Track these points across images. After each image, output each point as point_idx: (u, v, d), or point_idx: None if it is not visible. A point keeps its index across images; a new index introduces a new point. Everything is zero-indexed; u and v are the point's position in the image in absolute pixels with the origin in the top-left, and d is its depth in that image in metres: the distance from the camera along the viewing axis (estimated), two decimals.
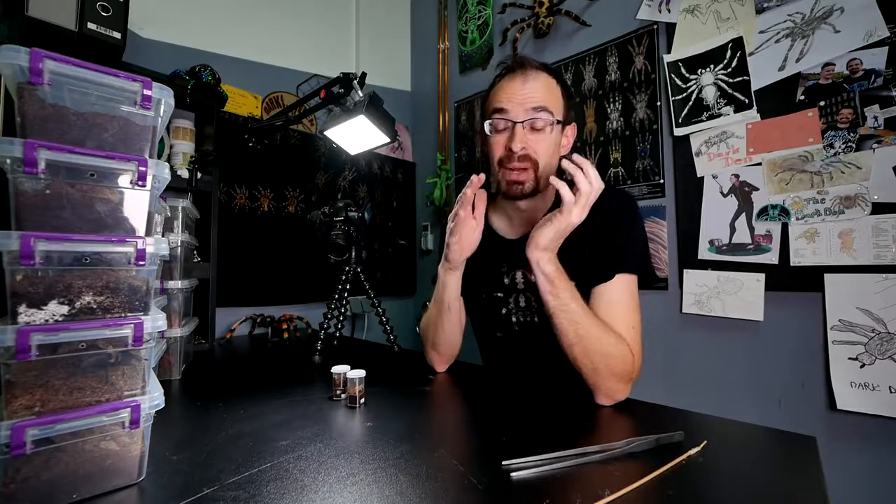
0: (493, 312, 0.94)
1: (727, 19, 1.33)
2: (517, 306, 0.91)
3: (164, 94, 0.52)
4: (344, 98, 1.00)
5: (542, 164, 0.80)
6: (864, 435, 1.09)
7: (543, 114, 0.78)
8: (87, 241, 0.46)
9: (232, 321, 1.60)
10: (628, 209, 0.82)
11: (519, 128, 0.78)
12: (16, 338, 0.41)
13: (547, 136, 0.79)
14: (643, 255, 0.82)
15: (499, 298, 0.93)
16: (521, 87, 0.79)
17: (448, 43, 2.26)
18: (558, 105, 0.81)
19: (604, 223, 0.82)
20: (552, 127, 0.79)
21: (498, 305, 0.93)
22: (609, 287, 0.78)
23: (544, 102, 0.78)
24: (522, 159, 0.79)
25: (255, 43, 1.82)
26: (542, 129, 0.78)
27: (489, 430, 0.66)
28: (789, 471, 0.51)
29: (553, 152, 0.81)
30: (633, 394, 0.76)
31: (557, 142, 0.82)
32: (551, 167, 0.82)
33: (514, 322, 0.91)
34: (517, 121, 0.78)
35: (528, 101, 0.78)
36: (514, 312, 0.91)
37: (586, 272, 0.82)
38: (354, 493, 0.45)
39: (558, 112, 0.80)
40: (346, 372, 0.76)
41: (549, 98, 0.79)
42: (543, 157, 0.79)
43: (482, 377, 0.95)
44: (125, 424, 0.47)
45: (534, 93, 0.78)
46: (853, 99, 1.12)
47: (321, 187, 1.96)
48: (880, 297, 1.08)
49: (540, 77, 0.80)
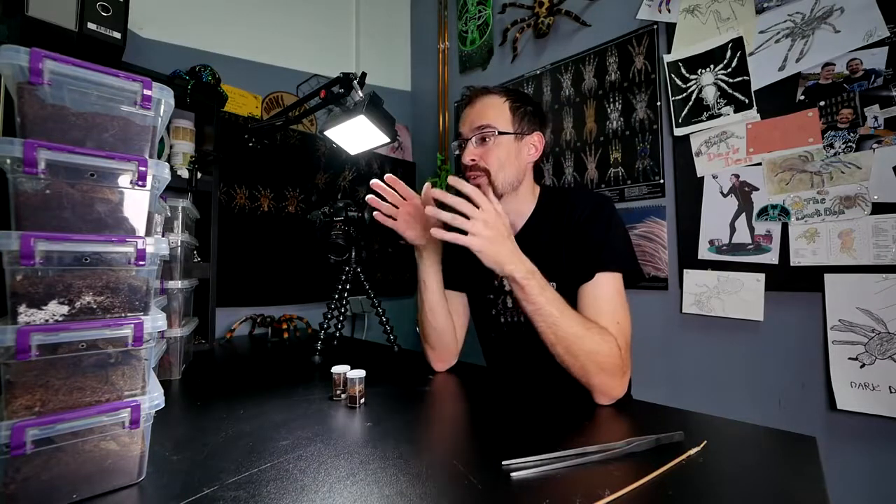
0: (486, 313, 0.99)
1: (727, 19, 1.33)
2: (505, 307, 0.95)
3: (164, 94, 0.52)
4: (344, 98, 1.00)
5: (494, 170, 0.87)
6: (864, 435, 1.09)
7: (486, 129, 0.88)
8: (87, 241, 0.46)
9: (232, 321, 1.60)
10: (601, 213, 0.86)
11: (469, 143, 0.90)
12: (16, 338, 0.41)
13: (492, 146, 0.88)
14: (624, 254, 0.84)
15: (490, 300, 0.98)
16: (469, 112, 0.91)
17: (448, 43, 2.26)
18: (503, 119, 0.89)
19: (577, 227, 0.86)
20: (494, 138, 0.88)
21: (489, 307, 0.98)
22: (592, 286, 0.81)
23: (485, 119, 0.88)
24: (473, 168, 0.89)
25: (255, 43, 1.82)
26: (486, 141, 0.88)
27: (489, 430, 0.66)
28: (789, 471, 0.51)
29: (505, 159, 0.88)
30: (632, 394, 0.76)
31: (510, 150, 0.89)
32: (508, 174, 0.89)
33: (503, 323, 0.96)
34: (467, 138, 0.90)
35: (474, 121, 0.89)
36: (503, 313, 0.96)
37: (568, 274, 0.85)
38: (354, 493, 0.45)
39: (503, 125, 0.89)
40: (346, 372, 0.76)
41: (492, 115, 0.89)
42: (493, 165, 0.88)
43: (482, 377, 0.95)
44: (125, 424, 0.47)
45: (479, 113, 0.90)
46: (853, 99, 1.12)
47: (321, 187, 1.96)
48: (880, 297, 1.08)
49: (485, 99, 0.91)
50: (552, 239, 0.89)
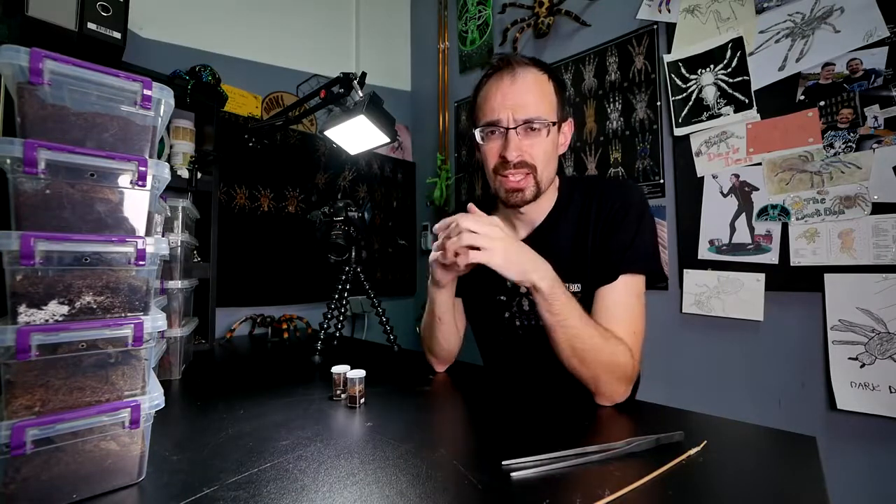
0: (495, 316, 0.91)
1: (727, 19, 1.33)
2: (521, 310, 0.88)
3: (164, 94, 0.52)
4: (344, 98, 1.00)
5: (541, 168, 0.77)
6: (864, 435, 1.09)
7: (538, 120, 0.74)
8: (87, 241, 0.46)
9: (232, 321, 1.60)
10: (632, 207, 0.78)
11: (512, 134, 0.74)
12: (16, 338, 0.41)
13: (543, 139, 0.75)
14: (651, 255, 0.77)
15: (501, 302, 0.90)
16: (510, 90, 0.75)
17: (448, 43, 2.26)
18: (552, 104, 0.76)
19: (606, 221, 0.78)
20: (548, 129, 0.75)
21: (501, 309, 0.90)
22: (613, 289, 0.75)
23: (537, 105, 0.74)
24: (519, 166, 0.75)
25: (255, 43, 1.82)
26: (536, 130, 0.75)
27: (489, 430, 0.66)
28: (789, 471, 0.51)
29: (551, 154, 0.78)
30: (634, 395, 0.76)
31: (555, 141, 0.78)
32: (551, 169, 0.79)
33: (518, 326, 0.88)
34: (509, 127, 0.74)
35: (519, 105, 0.74)
36: (518, 316, 0.88)
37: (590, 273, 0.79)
38: (354, 493, 0.45)
39: (552, 112, 0.76)
40: (346, 372, 0.76)
41: (542, 99, 0.75)
42: (541, 161, 0.76)
43: (482, 377, 0.94)
44: (125, 424, 0.47)
45: (524, 95, 0.74)
46: (853, 99, 1.12)
47: (321, 187, 1.96)
48: (880, 297, 1.08)
49: (528, 76, 0.75)
50: (577, 235, 0.80)
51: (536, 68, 0.77)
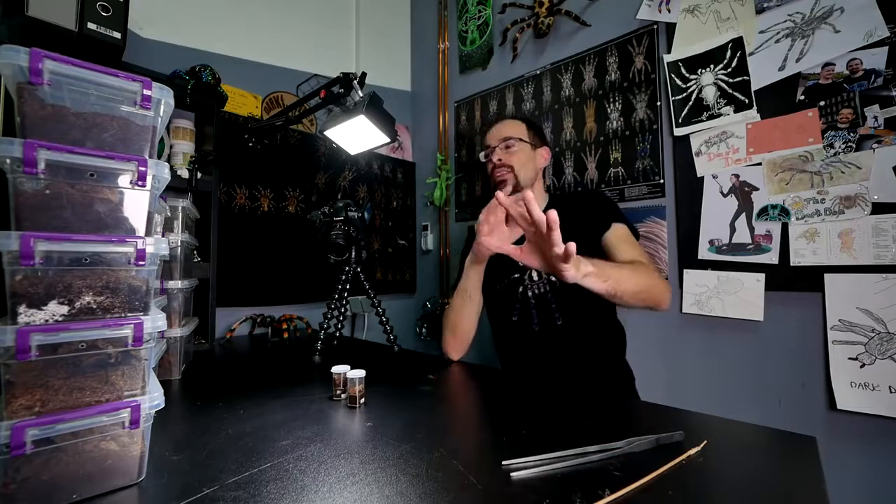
0: (510, 296, 1.14)
1: (727, 19, 1.33)
2: (531, 280, 1.12)
3: (164, 94, 0.52)
4: (344, 98, 1.00)
5: (518, 167, 1.17)
6: (864, 435, 1.09)
7: (510, 139, 1.19)
8: (87, 241, 0.46)
9: (232, 321, 1.60)
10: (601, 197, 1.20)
11: (497, 149, 1.20)
12: (16, 338, 0.41)
13: (517, 150, 1.18)
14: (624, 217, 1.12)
15: (516, 279, 1.14)
16: (495, 129, 1.25)
17: (448, 43, 2.26)
18: (524, 133, 1.22)
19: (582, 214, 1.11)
20: (517, 143, 1.19)
21: (515, 286, 1.14)
22: (612, 234, 1.06)
23: (510, 133, 1.21)
24: (502, 166, 1.18)
25: (255, 43, 1.82)
26: (511, 146, 1.19)
27: (489, 430, 0.66)
28: (789, 471, 0.51)
29: (524, 161, 1.18)
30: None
31: (528, 154, 1.20)
32: (527, 170, 1.18)
33: (531, 296, 1.11)
34: (496, 146, 1.20)
35: (501, 133, 1.22)
36: (530, 287, 1.12)
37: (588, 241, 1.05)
38: (354, 493, 0.45)
39: (525, 136, 1.21)
40: (346, 372, 0.76)
41: (515, 130, 1.21)
42: (517, 164, 1.17)
43: (482, 377, 0.95)
44: (125, 424, 0.47)
45: (503, 129, 1.23)
46: (853, 99, 1.12)
47: (321, 187, 1.96)
48: (880, 297, 1.08)
49: (507, 121, 1.25)
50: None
51: (514, 119, 1.26)
